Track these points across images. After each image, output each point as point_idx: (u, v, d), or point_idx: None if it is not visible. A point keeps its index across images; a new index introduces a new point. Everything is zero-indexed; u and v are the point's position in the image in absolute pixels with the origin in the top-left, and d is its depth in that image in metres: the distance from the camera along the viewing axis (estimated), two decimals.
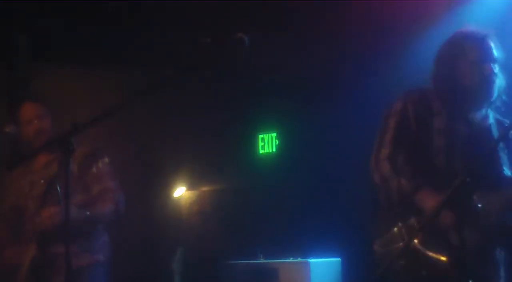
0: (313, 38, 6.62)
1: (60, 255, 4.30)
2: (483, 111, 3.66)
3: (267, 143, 7.63)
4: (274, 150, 7.57)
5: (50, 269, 4.29)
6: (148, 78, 5.85)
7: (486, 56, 3.60)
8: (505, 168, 3.60)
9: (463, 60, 3.60)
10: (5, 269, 4.50)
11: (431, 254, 3.45)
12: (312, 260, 6.25)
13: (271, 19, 6.36)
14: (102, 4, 6.12)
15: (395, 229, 3.51)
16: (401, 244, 3.47)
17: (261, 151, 7.65)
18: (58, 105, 4.80)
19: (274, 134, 7.59)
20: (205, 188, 7.96)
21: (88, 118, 3.18)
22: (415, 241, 3.42)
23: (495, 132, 3.64)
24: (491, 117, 3.68)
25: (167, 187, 7.87)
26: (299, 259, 6.34)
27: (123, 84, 6.96)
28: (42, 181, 4.44)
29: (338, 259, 6.34)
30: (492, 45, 3.62)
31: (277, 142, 7.57)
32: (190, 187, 7.99)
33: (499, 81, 3.60)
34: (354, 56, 6.39)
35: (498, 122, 3.68)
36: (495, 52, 3.62)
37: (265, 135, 7.63)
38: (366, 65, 6.27)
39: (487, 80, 3.58)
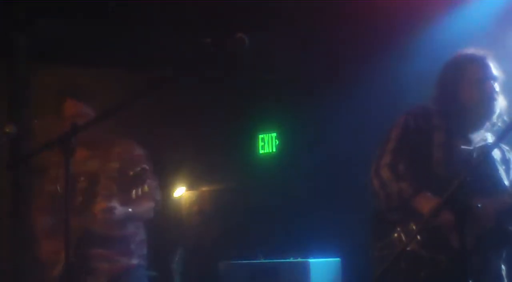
0: (313, 38, 6.62)
1: (97, 257, 4.33)
2: (482, 131, 3.71)
3: (267, 143, 7.63)
4: (274, 150, 7.57)
5: (85, 272, 4.27)
6: (148, 78, 5.85)
7: (486, 75, 3.65)
8: (502, 178, 3.66)
9: (465, 81, 3.66)
10: (41, 262, 4.49)
11: (430, 255, 3.47)
12: (312, 260, 6.24)
13: (271, 19, 6.36)
14: (102, 4, 6.12)
15: (395, 234, 3.57)
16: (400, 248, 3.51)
17: (261, 151, 7.64)
18: None
19: (274, 134, 7.58)
20: (205, 188, 7.96)
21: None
22: (414, 243, 3.45)
23: (494, 152, 3.67)
24: (489, 138, 3.71)
25: (167, 187, 7.87)
26: (299, 259, 6.33)
27: (123, 84, 6.96)
28: (83, 178, 4.41)
29: (338, 259, 6.33)
30: (492, 64, 3.68)
31: (277, 142, 7.56)
32: (190, 187, 7.99)
33: (501, 100, 3.66)
34: (354, 56, 6.38)
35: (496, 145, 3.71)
36: (495, 72, 3.67)
37: (265, 135, 7.63)
38: (366, 65, 6.27)
39: (488, 97, 3.63)
